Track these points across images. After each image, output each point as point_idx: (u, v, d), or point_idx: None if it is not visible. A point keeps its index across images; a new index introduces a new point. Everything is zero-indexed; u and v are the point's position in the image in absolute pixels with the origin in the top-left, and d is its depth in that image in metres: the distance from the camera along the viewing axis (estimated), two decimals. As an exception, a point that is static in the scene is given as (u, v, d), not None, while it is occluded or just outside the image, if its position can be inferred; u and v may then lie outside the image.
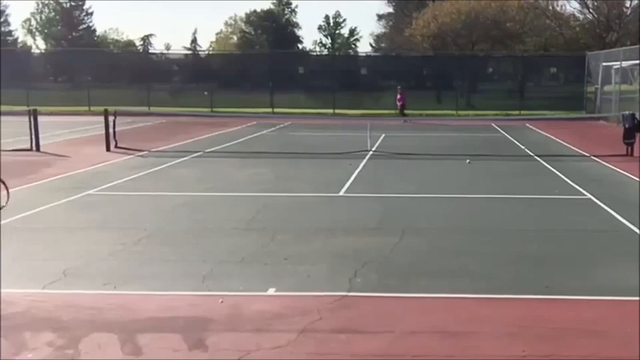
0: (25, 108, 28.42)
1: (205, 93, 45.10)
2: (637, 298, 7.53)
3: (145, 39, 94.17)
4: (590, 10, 51.83)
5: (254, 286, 8.03)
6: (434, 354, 6.14)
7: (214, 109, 41.52)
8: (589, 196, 13.95)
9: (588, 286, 8.16)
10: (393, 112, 37.71)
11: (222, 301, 7.45)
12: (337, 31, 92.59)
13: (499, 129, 30.41)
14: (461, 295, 7.75)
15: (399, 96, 36.20)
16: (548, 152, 21.33)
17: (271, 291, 7.85)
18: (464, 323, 6.88)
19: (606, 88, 35.92)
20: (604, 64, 35.69)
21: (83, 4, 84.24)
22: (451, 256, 9.51)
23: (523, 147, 23.11)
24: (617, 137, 21.51)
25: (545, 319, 6.98)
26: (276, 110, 41.69)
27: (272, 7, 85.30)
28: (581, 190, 14.65)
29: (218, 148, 22.80)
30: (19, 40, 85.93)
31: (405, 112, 36.22)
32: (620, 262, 9.10)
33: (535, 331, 6.66)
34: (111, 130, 21.87)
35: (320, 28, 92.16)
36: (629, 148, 20.37)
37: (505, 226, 11.41)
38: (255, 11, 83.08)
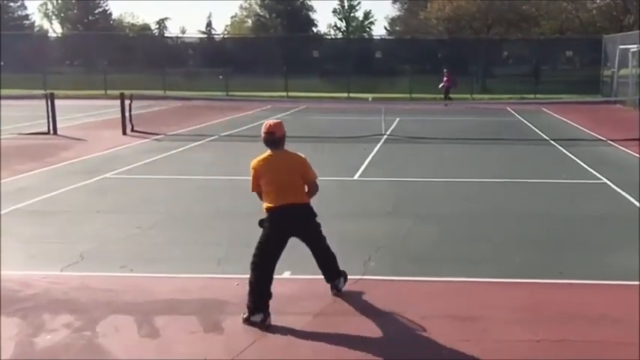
0: (41, 92, 28.58)
1: (220, 77, 45.13)
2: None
3: (161, 23, 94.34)
4: (607, -7, 51.35)
5: (269, 270, 8.08)
6: (446, 338, 6.18)
7: (229, 93, 41.57)
8: (605, 180, 13.89)
9: (602, 270, 8.14)
10: (435, 96, 36.90)
11: (237, 284, 7.51)
12: (352, 14, 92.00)
13: (514, 113, 30.24)
14: (474, 279, 7.78)
15: (445, 78, 35.64)
16: (564, 136, 21.20)
17: (286, 274, 7.89)
18: (477, 308, 6.91)
19: (623, 71, 35.55)
20: (621, 47, 35.31)
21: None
22: (464, 240, 9.53)
23: (538, 131, 23.00)
24: (634, 121, 21.40)
25: (558, 304, 7.00)
26: (290, 94, 41.62)
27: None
28: (596, 174, 14.58)
29: (233, 131, 22.85)
30: (36, 24, 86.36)
31: (450, 96, 35.58)
32: (635, 247, 9.06)
33: (547, 315, 6.67)
34: (127, 114, 21.96)
35: (334, 11, 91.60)
36: (646, 133, 20.24)
37: (520, 210, 11.39)
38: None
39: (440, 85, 35.61)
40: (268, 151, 7.05)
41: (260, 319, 6.44)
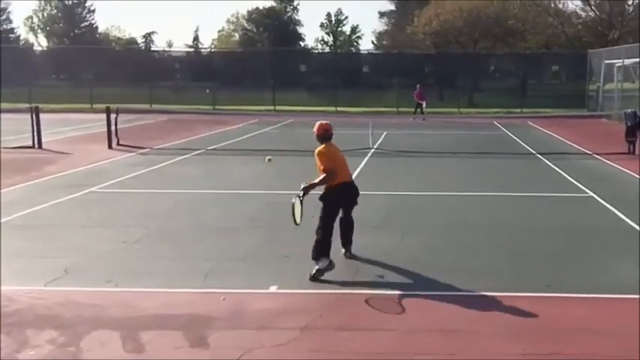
0: (27, 105, 28.40)
1: (207, 90, 45.11)
2: (637, 296, 7.51)
3: (147, 36, 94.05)
4: (592, 8, 51.86)
5: (256, 284, 8.03)
6: (436, 352, 6.14)
7: (216, 107, 41.50)
8: (591, 194, 13.92)
9: (590, 284, 8.15)
10: (410, 110, 37.02)
11: (224, 299, 7.45)
12: (339, 29, 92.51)
13: (501, 127, 30.38)
14: (462, 293, 7.75)
15: (416, 92, 35.72)
16: (551, 150, 21.30)
17: (273, 289, 7.85)
18: (465, 321, 6.88)
19: (608, 86, 35.86)
20: (606, 61, 35.63)
21: (85, 2, 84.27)
22: (453, 254, 9.51)
23: (525, 145, 23.09)
24: (619, 135, 21.48)
25: (547, 317, 6.98)
26: (277, 108, 41.64)
27: (274, 4, 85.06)
28: (583, 188, 14.62)
29: (220, 145, 22.80)
30: (22, 38, 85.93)
31: (422, 110, 35.61)
32: (621, 260, 9.08)
33: (537, 329, 6.65)
34: (113, 128, 21.88)
35: (322, 25, 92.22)
36: (631, 146, 20.34)
37: (507, 224, 11.40)
38: (257, 9, 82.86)
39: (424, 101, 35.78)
40: (323, 145, 9.29)
41: (327, 263, 8.14)
